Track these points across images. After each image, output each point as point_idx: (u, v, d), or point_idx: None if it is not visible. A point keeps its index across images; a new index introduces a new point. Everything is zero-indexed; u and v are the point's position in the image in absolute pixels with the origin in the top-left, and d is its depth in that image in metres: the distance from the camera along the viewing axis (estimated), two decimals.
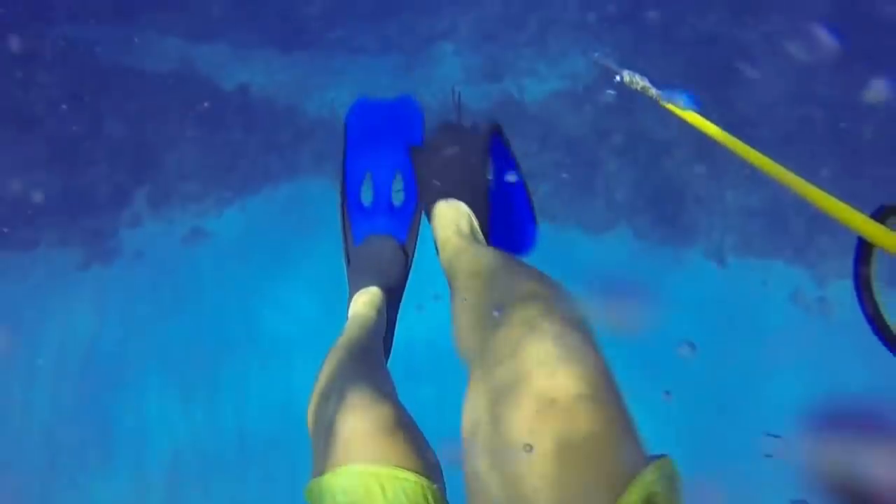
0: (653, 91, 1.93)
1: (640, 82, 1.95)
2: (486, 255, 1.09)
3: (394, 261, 1.48)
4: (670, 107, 1.85)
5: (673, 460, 0.66)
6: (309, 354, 4.43)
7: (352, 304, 1.45)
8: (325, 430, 0.96)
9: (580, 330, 0.75)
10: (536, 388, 0.67)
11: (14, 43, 4.70)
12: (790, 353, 4.43)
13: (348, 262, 1.54)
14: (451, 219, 1.26)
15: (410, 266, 1.51)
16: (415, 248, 1.50)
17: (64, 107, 5.00)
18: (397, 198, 1.53)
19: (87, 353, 4.68)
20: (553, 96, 5.51)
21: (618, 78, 1.98)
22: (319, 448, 0.96)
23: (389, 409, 0.94)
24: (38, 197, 4.77)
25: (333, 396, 1.01)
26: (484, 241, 1.25)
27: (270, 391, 4.41)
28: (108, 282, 4.95)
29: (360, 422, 0.92)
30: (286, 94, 5.57)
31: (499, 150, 1.44)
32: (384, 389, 1.05)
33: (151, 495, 4.22)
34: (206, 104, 5.22)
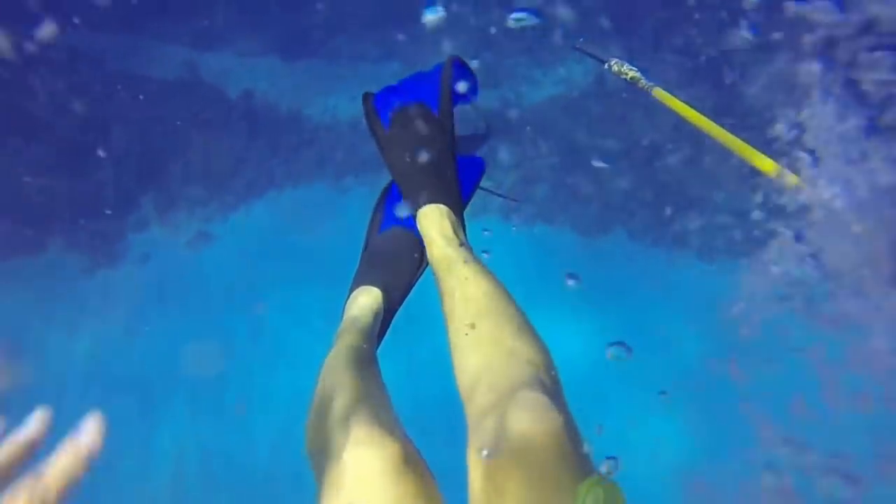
0: (643, 81, 1.87)
1: (629, 72, 1.88)
2: (472, 288, 1.17)
3: (407, 261, 1.44)
4: (660, 96, 1.78)
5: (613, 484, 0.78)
6: (314, 358, 4.38)
7: (350, 303, 1.41)
8: (331, 462, 0.94)
9: (548, 392, 0.90)
10: (512, 444, 0.83)
11: (21, 50, 4.63)
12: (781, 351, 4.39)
13: (365, 246, 1.51)
14: (436, 222, 1.30)
15: (423, 270, 1.47)
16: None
17: (71, 113, 4.93)
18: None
19: (92, 357, 4.57)
20: (549, 102, 5.47)
21: (605, 66, 1.91)
22: (326, 481, 0.94)
23: (398, 445, 0.92)
24: (45, 201, 4.70)
25: (338, 425, 0.99)
26: (465, 241, 1.31)
27: (275, 395, 4.31)
28: (115, 285, 4.86)
29: (369, 460, 0.90)
30: (289, 100, 5.49)
31: (461, 71, 1.42)
32: (389, 418, 1.04)
33: (156, 500, 4.14)
34: (210, 110, 5.16)
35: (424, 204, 1.32)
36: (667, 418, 4.11)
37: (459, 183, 1.37)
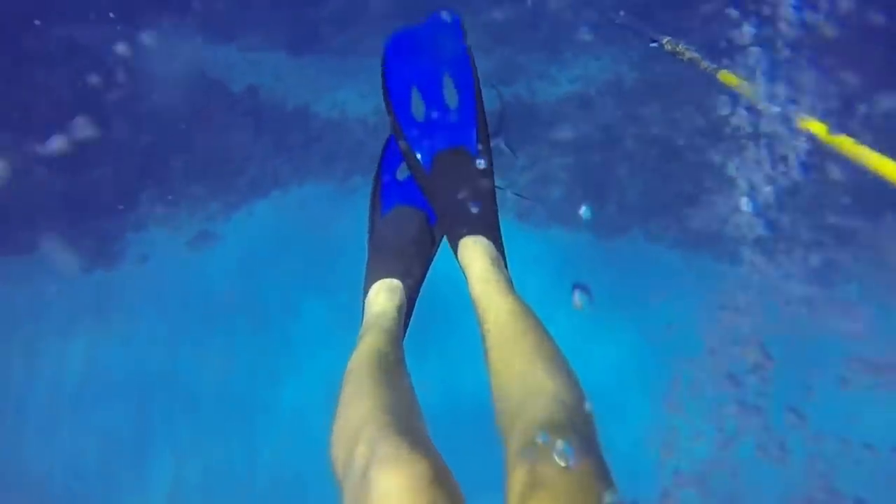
0: (705, 63, 1.69)
1: (686, 52, 1.72)
2: (508, 333, 1.18)
3: (421, 242, 1.40)
4: (726, 79, 1.61)
5: None
6: (320, 360, 4.21)
7: (371, 299, 1.34)
8: (356, 480, 0.89)
9: (578, 432, 0.91)
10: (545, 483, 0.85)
11: (20, 44, 4.50)
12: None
13: (371, 232, 1.45)
14: (477, 255, 1.31)
15: (437, 247, 1.44)
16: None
17: (69, 107, 4.74)
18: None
19: (87, 362, 4.33)
20: (564, 100, 5.24)
21: (654, 43, 1.77)
22: (350, 499, 0.90)
23: (426, 462, 0.86)
24: (39, 198, 4.51)
25: (363, 438, 0.94)
26: (506, 272, 1.32)
27: (279, 403, 4.09)
28: (112, 287, 4.63)
29: (396, 479, 0.84)
30: (295, 96, 5.28)
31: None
32: (416, 429, 0.99)
33: None
34: (214, 106, 5.01)
35: (466, 236, 1.34)
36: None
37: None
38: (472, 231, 1.34)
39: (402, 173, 1.46)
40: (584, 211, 4.64)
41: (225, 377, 4.19)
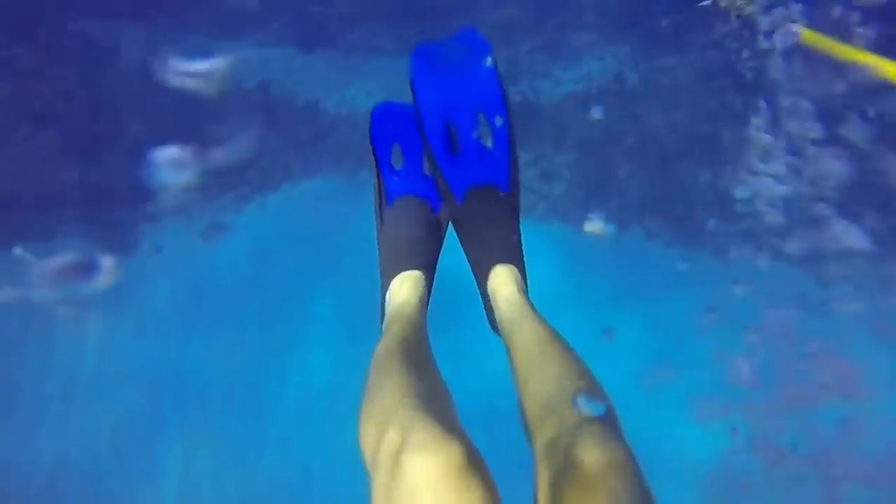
0: (759, 16, 1.70)
1: (746, 7, 1.74)
2: (536, 343, 1.22)
3: (430, 229, 1.42)
4: (808, 37, 1.62)
5: None
6: (330, 356, 4.23)
7: (394, 291, 1.35)
8: (388, 466, 0.87)
9: (612, 425, 0.95)
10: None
11: (33, 37, 4.46)
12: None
13: (381, 226, 1.46)
14: (505, 283, 1.37)
15: (445, 233, 1.46)
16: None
17: (82, 100, 4.71)
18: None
19: (100, 353, 4.32)
20: (567, 98, 5.27)
21: (705, 1, 1.78)
22: (380, 488, 0.87)
23: (460, 447, 0.84)
24: (54, 190, 4.49)
25: (391, 425, 0.92)
26: (528, 298, 1.37)
27: (289, 394, 4.10)
28: (127, 275, 4.56)
29: (429, 465, 0.82)
30: (305, 92, 5.29)
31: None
32: (447, 414, 0.99)
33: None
34: (226, 101, 4.98)
35: (495, 265, 1.40)
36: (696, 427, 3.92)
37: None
38: (503, 260, 1.40)
39: (396, 162, 1.49)
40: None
41: (235, 367, 4.18)
